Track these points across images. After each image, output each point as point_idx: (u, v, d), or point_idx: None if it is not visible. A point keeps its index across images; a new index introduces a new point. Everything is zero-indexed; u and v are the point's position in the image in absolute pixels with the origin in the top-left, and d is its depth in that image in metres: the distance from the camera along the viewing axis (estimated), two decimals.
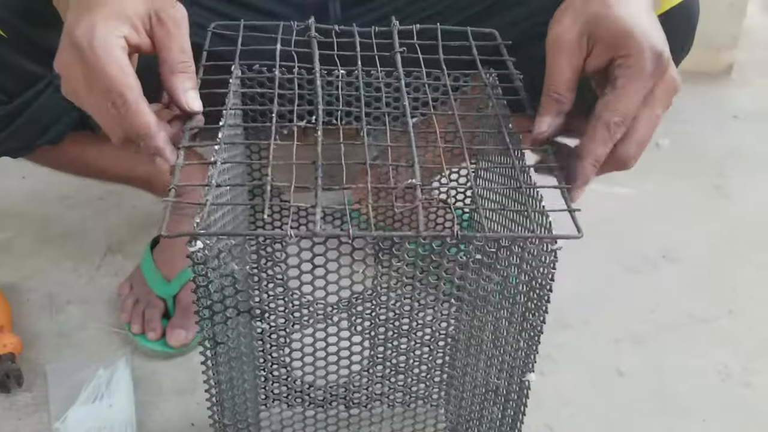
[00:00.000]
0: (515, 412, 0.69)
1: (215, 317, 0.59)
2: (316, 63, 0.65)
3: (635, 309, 1.14)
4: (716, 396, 1.00)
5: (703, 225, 1.32)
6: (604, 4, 0.59)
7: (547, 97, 0.60)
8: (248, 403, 0.72)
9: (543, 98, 0.61)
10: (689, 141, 1.55)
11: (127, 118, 0.54)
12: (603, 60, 0.59)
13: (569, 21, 0.60)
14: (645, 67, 0.57)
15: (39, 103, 0.84)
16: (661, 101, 0.60)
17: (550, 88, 0.60)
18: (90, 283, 1.15)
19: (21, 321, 1.07)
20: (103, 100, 0.54)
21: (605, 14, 0.59)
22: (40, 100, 0.83)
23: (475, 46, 0.69)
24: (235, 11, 0.88)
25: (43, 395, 0.96)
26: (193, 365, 1.01)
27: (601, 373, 1.03)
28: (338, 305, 0.66)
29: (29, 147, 0.89)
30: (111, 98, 0.53)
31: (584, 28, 0.59)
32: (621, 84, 0.57)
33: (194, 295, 0.56)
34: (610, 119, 0.57)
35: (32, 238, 1.23)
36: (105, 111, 0.54)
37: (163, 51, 0.57)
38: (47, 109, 0.85)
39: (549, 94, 0.60)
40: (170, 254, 1.07)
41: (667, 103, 0.60)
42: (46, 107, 0.84)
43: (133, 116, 0.53)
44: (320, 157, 0.55)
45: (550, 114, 0.60)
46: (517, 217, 0.63)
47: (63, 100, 0.85)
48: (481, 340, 0.71)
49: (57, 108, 0.86)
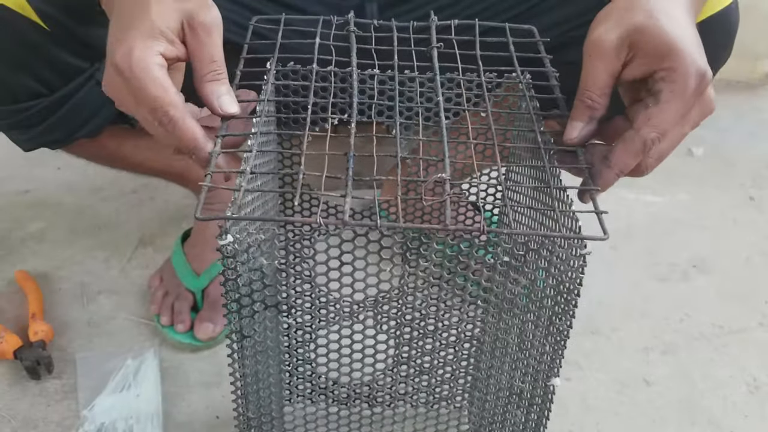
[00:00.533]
0: (539, 416, 0.68)
1: (243, 311, 0.59)
2: (353, 58, 0.65)
3: (664, 318, 1.13)
4: (744, 408, 0.99)
5: (735, 236, 1.31)
6: (648, 14, 0.58)
7: (581, 102, 0.59)
8: (273, 397, 0.72)
9: (576, 102, 0.60)
10: (724, 150, 1.53)
11: (174, 134, 0.55)
12: (643, 71, 0.58)
13: (611, 26, 0.58)
14: (689, 85, 0.56)
15: (79, 96, 0.85)
16: (692, 121, 0.59)
17: (585, 92, 0.59)
18: (121, 275, 1.16)
19: (52, 309, 1.09)
20: (151, 119, 0.55)
21: (650, 24, 0.57)
22: (80, 94, 0.85)
23: (513, 44, 0.69)
24: (272, 10, 0.89)
25: (72, 383, 0.97)
26: (219, 358, 1.02)
27: (628, 381, 1.02)
28: (364, 303, 0.66)
29: (68, 139, 0.90)
30: (157, 117, 0.55)
31: (626, 35, 0.58)
32: (665, 99, 0.56)
33: (223, 288, 0.57)
34: (648, 135, 0.56)
35: (66, 228, 1.25)
36: (155, 128, 0.56)
37: (194, 61, 0.58)
38: (87, 102, 0.86)
39: (582, 98, 0.59)
40: (201, 248, 1.08)
41: (697, 123, 0.60)
42: (86, 100, 0.86)
43: (180, 132, 0.55)
44: (353, 148, 0.55)
45: (582, 120, 0.59)
46: (546, 221, 0.62)
47: (102, 94, 0.86)
48: (506, 343, 0.70)
49: (96, 101, 0.87)
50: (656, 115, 0.56)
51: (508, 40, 0.69)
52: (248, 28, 0.69)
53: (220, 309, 1.04)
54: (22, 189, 1.32)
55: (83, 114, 0.87)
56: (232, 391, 0.65)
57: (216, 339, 1.03)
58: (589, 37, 0.59)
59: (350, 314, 0.67)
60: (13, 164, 0.90)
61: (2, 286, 1.13)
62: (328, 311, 0.67)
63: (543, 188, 0.60)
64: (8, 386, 0.98)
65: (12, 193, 1.32)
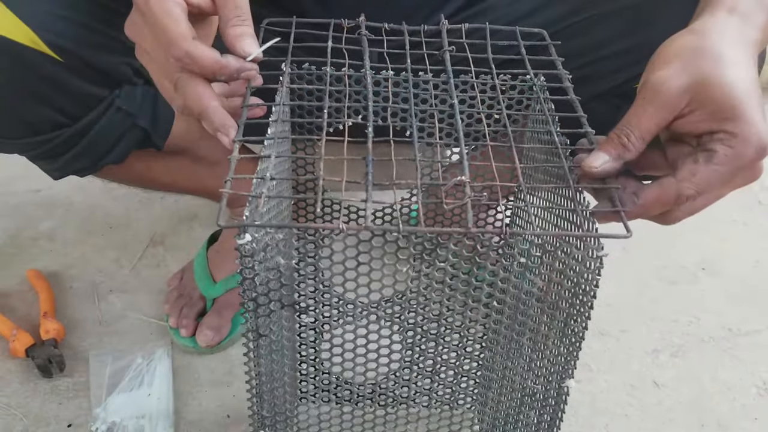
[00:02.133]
0: (552, 417, 0.69)
1: (259, 309, 0.60)
2: (366, 61, 0.65)
3: (674, 320, 1.13)
4: (753, 411, 0.99)
5: (744, 239, 1.31)
6: (716, 60, 0.54)
7: (616, 137, 0.55)
8: (287, 396, 0.73)
9: (612, 135, 0.56)
10: None
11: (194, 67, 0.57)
12: (702, 128, 0.54)
13: (676, 71, 0.54)
14: (747, 155, 0.53)
15: (102, 123, 0.84)
16: (734, 185, 0.56)
17: (624, 130, 0.55)
18: (132, 274, 1.17)
19: (64, 308, 1.09)
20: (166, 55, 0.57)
21: (716, 76, 0.53)
22: (102, 121, 0.84)
23: (523, 46, 0.69)
24: None
25: (84, 381, 0.98)
26: (230, 358, 1.03)
27: (637, 383, 1.02)
28: (380, 304, 0.67)
29: (95, 166, 0.89)
30: (173, 53, 0.56)
31: (691, 86, 0.54)
32: (717, 161, 0.53)
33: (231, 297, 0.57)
34: (686, 191, 0.54)
35: (77, 227, 1.26)
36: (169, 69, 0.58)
37: (220, 8, 0.60)
38: (110, 129, 0.85)
39: (620, 134, 0.55)
40: (223, 256, 1.08)
41: (738, 187, 0.57)
42: (109, 127, 0.85)
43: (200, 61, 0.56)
44: (371, 152, 0.55)
45: (609, 154, 0.55)
46: (561, 223, 0.63)
47: (125, 120, 0.85)
48: (520, 344, 0.71)
49: (119, 128, 0.86)
50: (703, 174, 0.53)
51: (519, 43, 0.69)
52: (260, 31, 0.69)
53: (225, 317, 1.04)
54: (33, 188, 1.33)
55: (108, 141, 0.87)
56: (247, 390, 0.66)
57: (218, 347, 1.03)
58: (649, 76, 0.56)
59: (367, 314, 0.68)
60: (24, 163, 0.90)
61: (14, 284, 1.14)
62: (344, 311, 0.68)
63: (561, 187, 0.59)
64: (20, 384, 0.98)
65: (23, 192, 1.32)
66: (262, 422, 0.69)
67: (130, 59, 0.82)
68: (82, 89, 0.80)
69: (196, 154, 0.99)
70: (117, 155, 0.89)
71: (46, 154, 0.85)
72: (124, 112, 0.85)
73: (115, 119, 0.85)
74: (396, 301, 0.67)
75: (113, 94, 0.83)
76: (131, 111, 0.86)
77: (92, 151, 0.86)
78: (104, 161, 0.88)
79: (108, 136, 0.86)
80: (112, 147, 0.87)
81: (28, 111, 0.79)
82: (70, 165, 0.87)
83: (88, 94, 0.81)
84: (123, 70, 0.82)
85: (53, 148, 0.83)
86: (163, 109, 0.89)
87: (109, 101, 0.84)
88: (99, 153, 0.87)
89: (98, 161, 0.88)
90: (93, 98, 0.82)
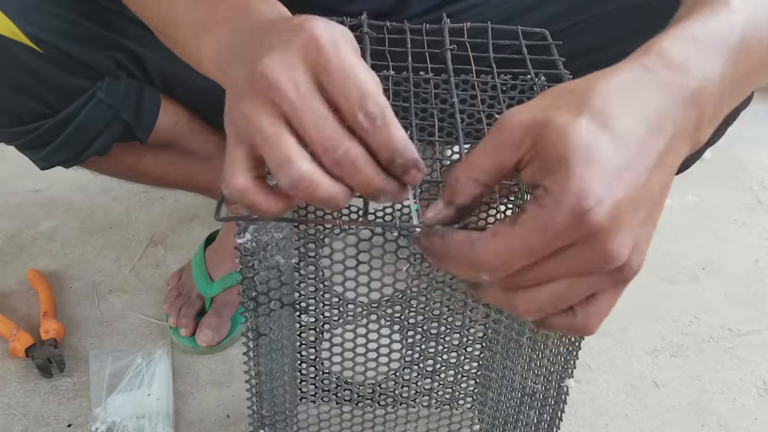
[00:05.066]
0: (552, 417, 0.69)
1: (259, 309, 0.60)
2: (367, 58, 0.65)
3: (674, 320, 1.13)
4: (754, 411, 0.99)
5: (744, 239, 1.31)
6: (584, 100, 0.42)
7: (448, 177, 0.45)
8: (286, 395, 0.73)
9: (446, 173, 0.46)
10: (732, 153, 1.53)
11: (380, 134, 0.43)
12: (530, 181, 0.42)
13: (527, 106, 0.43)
14: (556, 219, 0.40)
15: (82, 116, 0.84)
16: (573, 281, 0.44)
17: (456, 169, 0.44)
18: (132, 274, 1.17)
19: (64, 308, 1.09)
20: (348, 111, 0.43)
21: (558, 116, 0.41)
22: (83, 113, 0.84)
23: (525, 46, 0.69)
24: None
25: (84, 381, 0.98)
26: (230, 357, 1.03)
27: (637, 383, 1.02)
28: (380, 304, 0.67)
29: (78, 157, 0.90)
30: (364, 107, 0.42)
31: (533, 126, 0.42)
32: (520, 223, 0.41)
33: (230, 296, 0.57)
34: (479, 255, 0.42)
35: (77, 227, 1.26)
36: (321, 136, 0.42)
37: None
38: (91, 121, 0.86)
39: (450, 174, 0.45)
40: (220, 255, 1.08)
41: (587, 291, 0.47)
42: (89, 120, 0.85)
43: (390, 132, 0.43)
44: None
45: (442, 199, 0.45)
46: None
47: (107, 111, 0.85)
48: (520, 344, 0.71)
49: (101, 120, 0.87)
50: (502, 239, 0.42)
51: (521, 43, 0.69)
52: None
53: (224, 316, 1.04)
54: (32, 188, 1.33)
55: (89, 132, 0.87)
56: (247, 389, 0.66)
57: (217, 346, 1.03)
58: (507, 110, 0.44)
59: (367, 313, 0.68)
60: (23, 163, 0.90)
61: (14, 284, 1.14)
62: (344, 310, 0.68)
63: None
64: (20, 384, 0.98)
65: (23, 192, 1.33)
66: (262, 422, 0.69)
67: (113, 52, 0.82)
68: (63, 81, 0.80)
69: (186, 148, 0.98)
70: (99, 147, 0.89)
71: (30, 143, 0.86)
72: (106, 105, 0.85)
73: (97, 111, 0.85)
74: (396, 301, 0.67)
75: (95, 86, 0.84)
76: (113, 104, 0.86)
77: (74, 142, 0.86)
78: (87, 153, 0.89)
79: (90, 127, 0.86)
80: (94, 139, 0.88)
81: (9, 101, 0.80)
82: (54, 155, 0.88)
83: (69, 85, 0.82)
84: (105, 62, 0.83)
85: (36, 138, 0.84)
86: (147, 103, 0.90)
87: (91, 93, 0.84)
88: (81, 144, 0.87)
89: (81, 152, 0.88)
90: (74, 90, 0.83)
